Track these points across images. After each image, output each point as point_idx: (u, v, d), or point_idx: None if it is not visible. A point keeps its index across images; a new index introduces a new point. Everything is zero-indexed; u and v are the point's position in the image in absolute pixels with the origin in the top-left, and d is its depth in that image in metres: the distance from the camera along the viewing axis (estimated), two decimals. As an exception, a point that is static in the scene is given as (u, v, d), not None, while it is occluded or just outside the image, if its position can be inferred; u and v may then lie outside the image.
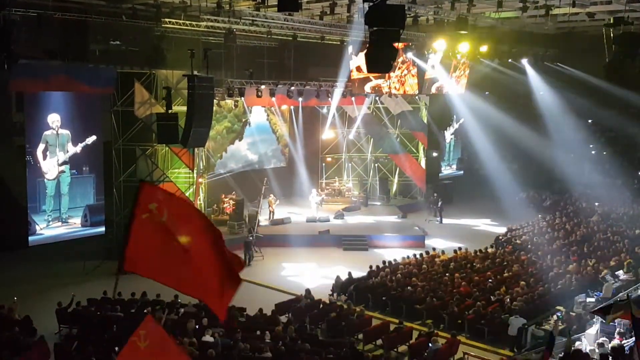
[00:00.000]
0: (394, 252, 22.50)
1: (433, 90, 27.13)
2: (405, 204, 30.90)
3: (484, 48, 23.88)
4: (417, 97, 30.56)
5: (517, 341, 14.80)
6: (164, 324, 14.39)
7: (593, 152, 35.58)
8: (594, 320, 14.34)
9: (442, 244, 24.11)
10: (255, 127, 28.87)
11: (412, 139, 31.30)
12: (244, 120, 28.16)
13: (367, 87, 26.33)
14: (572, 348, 12.67)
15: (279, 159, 30.79)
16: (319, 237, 24.78)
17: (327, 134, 30.56)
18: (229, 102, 24.85)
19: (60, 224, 20.83)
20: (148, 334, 6.24)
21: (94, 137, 21.07)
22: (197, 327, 13.93)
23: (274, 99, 25.18)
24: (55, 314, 15.21)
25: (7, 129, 21.51)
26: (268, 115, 29.65)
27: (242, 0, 20.01)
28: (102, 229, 21.79)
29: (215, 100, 22.10)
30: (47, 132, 20.13)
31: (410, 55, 24.67)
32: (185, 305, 15.77)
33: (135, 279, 21.75)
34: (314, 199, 27.30)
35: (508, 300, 16.24)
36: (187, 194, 22.87)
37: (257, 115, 28.82)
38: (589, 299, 16.69)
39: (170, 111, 20.64)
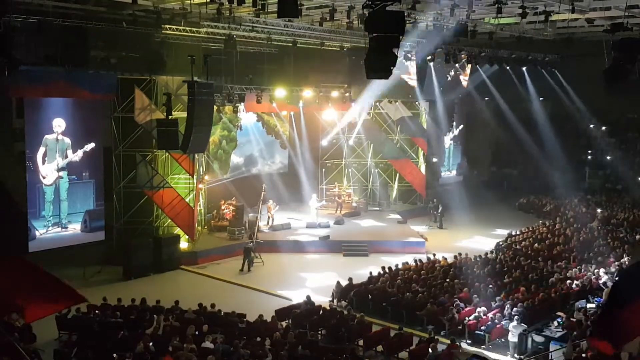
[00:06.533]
0: (394, 258, 22.46)
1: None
2: (405, 210, 30.89)
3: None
4: (416, 103, 30.61)
5: (517, 347, 14.76)
6: (163, 330, 14.42)
7: (593, 157, 35.63)
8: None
9: (442, 250, 24.07)
10: (246, 129, 28.72)
11: (412, 144, 31.31)
12: (236, 124, 28.08)
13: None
14: (574, 354, 12.65)
15: (274, 161, 30.68)
16: (319, 242, 24.76)
17: (326, 139, 30.61)
18: (226, 108, 24.87)
19: (60, 229, 20.79)
20: None
21: (92, 145, 21.08)
22: (197, 332, 13.91)
23: (274, 104, 25.19)
24: (55, 321, 15.17)
25: (7, 135, 21.52)
26: (261, 118, 29.50)
27: (242, 7, 20.04)
28: (102, 234, 21.77)
29: (215, 107, 22.13)
30: (48, 136, 20.12)
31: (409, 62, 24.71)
32: (185, 311, 15.75)
33: (135, 285, 21.79)
34: (314, 204, 27.28)
35: (509, 306, 16.21)
36: (187, 200, 22.88)
37: (247, 117, 28.34)
38: (589, 305, 16.68)
39: (170, 117, 20.66)
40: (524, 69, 28.66)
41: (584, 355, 12.59)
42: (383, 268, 20.05)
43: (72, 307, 7.58)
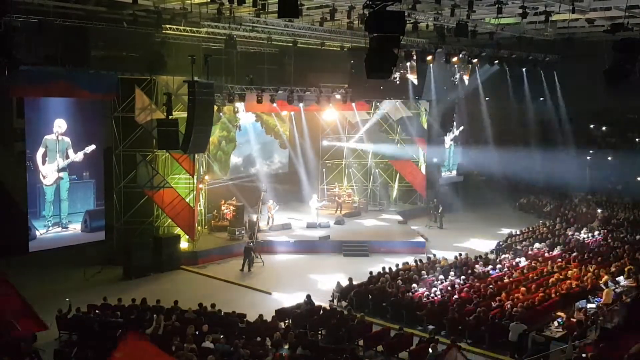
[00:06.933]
0: (395, 258, 22.46)
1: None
2: (406, 210, 30.88)
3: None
4: (417, 103, 30.61)
5: (517, 347, 14.75)
6: (164, 330, 14.42)
7: (593, 157, 35.60)
8: (594, 326, 14.33)
9: (442, 250, 24.08)
10: (245, 129, 28.72)
11: (412, 144, 31.27)
12: (235, 124, 28.11)
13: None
14: (574, 354, 12.64)
15: (273, 161, 30.69)
16: (319, 242, 24.75)
17: (327, 140, 30.64)
18: (224, 108, 24.90)
19: (60, 229, 20.79)
20: (130, 352, 6.35)
21: (93, 146, 21.08)
22: (197, 332, 13.91)
23: (275, 104, 25.21)
24: (55, 320, 15.18)
25: (7, 135, 21.53)
26: (260, 118, 29.49)
27: (242, 7, 20.05)
28: (102, 234, 21.77)
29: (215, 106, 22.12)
30: (48, 137, 20.12)
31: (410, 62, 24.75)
32: (185, 311, 15.74)
33: (135, 285, 21.78)
34: (314, 204, 27.28)
35: (509, 306, 16.20)
36: (187, 200, 22.88)
37: (246, 117, 28.32)
38: (589, 305, 16.67)
39: (170, 117, 20.66)
40: (523, 69, 28.64)
41: (584, 355, 12.58)
42: (383, 268, 20.05)
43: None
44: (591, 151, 35.87)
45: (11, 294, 6.77)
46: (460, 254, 21.90)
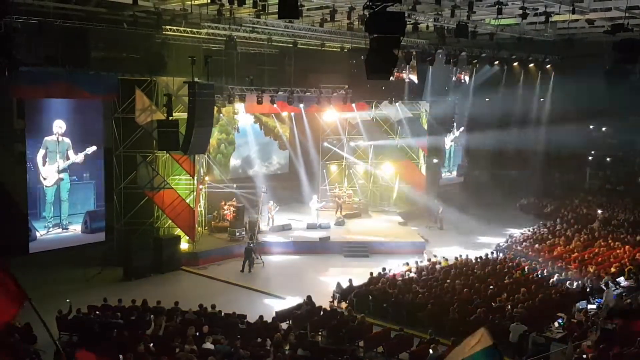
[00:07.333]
0: (395, 258, 22.45)
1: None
2: (406, 211, 30.86)
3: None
4: (417, 104, 30.59)
5: (518, 348, 14.75)
6: (164, 331, 14.41)
7: (594, 158, 35.63)
8: (595, 327, 14.32)
9: (442, 251, 24.07)
10: (244, 131, 28.79)
11: (412, 145, 31.26)
12: (234, 126, 28.11)
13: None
14: (574, 355, 12.64)
15: (272, 162, 30.72)
16: (320, 243, 24.75)
17: (327, 142, 30.65)
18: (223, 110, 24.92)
19: (60, 230, 20.81)
20: None
21: (94, 148, 21.10)
22: (197, 333, 13.90)
23: (275, 105, 25.23)
24: (56, 321, 15.18)
25: (8, 136, 21.55)
26: (259, 119, 29.50)
27: (242, 8, 20.06)
28: (103, 235, 21.77)
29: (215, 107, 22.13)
30: (48, 138, 20.15)
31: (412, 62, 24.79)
32: (186, 312, 15.74)
33: (135, 286, 21.68)
34: (315, 205, 27.27)
35: (509, 306, 16.20)
36: (187, 201, 22.89)
37: (244, 119, 28.49)
38: (590, 306, 16.67)
39: (170, 118, 20.66)
40: (523, 69, 28.66)
41: (584, 356, 12.58)
42: (383, 269, 20.04)
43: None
44: (592, 152, 35.90)
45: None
46: (460, 255, 21.90)
